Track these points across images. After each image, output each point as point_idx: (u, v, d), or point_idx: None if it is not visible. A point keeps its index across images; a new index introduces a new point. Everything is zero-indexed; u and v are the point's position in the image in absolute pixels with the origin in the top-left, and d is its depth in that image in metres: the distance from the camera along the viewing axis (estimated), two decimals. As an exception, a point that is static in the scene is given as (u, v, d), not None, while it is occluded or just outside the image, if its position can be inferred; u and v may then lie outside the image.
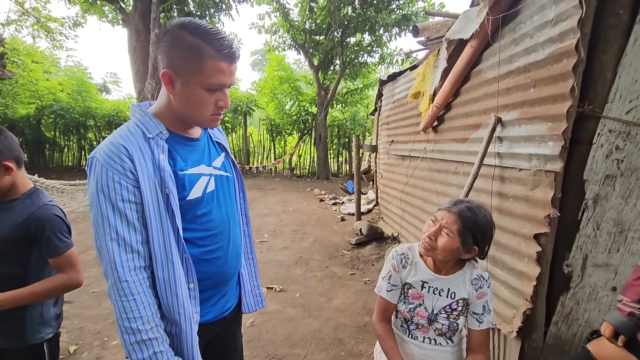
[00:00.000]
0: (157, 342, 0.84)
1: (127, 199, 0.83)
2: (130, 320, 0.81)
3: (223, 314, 1.08)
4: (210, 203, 0.98)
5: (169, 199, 0.87)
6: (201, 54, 0.83)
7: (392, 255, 1.25)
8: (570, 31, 1.47)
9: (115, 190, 0.82)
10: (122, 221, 0.83)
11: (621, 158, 1.47)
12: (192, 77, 0.85)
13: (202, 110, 0.90)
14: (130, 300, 0.82)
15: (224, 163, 1.09)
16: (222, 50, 0.84)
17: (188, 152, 0.97)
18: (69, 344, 2.29)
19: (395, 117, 4.38)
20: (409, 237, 3.78)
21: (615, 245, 1.54)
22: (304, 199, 7.97)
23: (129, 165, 0.83)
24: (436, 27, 2.82)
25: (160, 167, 0.87)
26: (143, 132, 0.89)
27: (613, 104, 1.45)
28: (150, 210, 0.85)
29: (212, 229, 0.99)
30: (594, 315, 1.62)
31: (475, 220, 1.08)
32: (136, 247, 0.84)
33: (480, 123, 2.22)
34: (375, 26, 8.80)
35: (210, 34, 0.83)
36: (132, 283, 0.82)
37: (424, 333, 1.19)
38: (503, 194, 1.95)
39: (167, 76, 0.86)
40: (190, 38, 0.82)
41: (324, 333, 2.57)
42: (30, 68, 10.12)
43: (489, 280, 1.16)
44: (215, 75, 0.85)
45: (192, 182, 0.93)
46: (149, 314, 0.84)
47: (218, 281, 1.03)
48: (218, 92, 0.89)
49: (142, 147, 0.87)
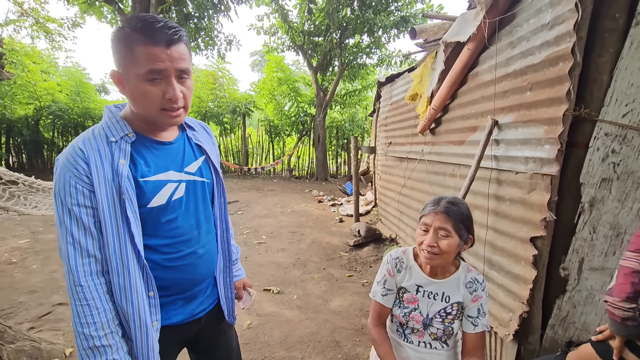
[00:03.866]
0: (110, 349, 0.82)
1: (83, 204, 0.81)
2: (83, 325, 0.80)
3: (194, 316, 1.04)
4: (176, 210, 0.94)
5: (125, 205, 0.83)
6: (130, 43, 0.78)
7: (386, 259, 1.25)
8: (567, 34, 1.48)
9: (70, 194, 0.81)
10: (78, 226, 0.81)
11: (617, 161, 1.46)
12: (129, 71, 0.80)
13: (149, 105, 0.84)
14: (84, 305, 0.80)
15: (200, 167, 1.03)
16: (151, 35, 0.77)
17: (155, 157, 0.92)
18: (64, 346, 2.27)
19: (393, 119, 4.38)
20: (407, 238, 3.78)
21: (611, 249, 1.54)
22: (303, 200, 7.96)
23: (83, 169, 0.81)
24: (434, 29, 2.82)
25: (119, 173, 0.83)
26: (106, 135, 0.86)
27: (609, 107, 1.45)
28: (105, 215, 0.83)
29: (177, 236, 0.95)
30: (590, 319, 1.62)
31: (461, 211, 1.11)
32: (93, 252, 0.82)
33: (477, 126, 2.22)
34: (374, 28, 8.82)
35: (139, 21, 0.78)
36: (86, 288, 0.80)
37: (420, 337, 1.19)
38: (500, 196, 1.95)
39: (114, 76, 0.84)
40: (122, 31, 0.79)
41: (321, 335, 2.56)
42: (28, 69, 10.09)
43: (484, 283, 1.16)
44: (148, 62, 0.78)
45: (154, 190, 0.89)
46: (104, 320, 0.82)
47: (185, 287, 1.00)
48: (162, 82, 0.82)
49: (102, 151, 0.84)
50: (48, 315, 2.71)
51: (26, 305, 2.85)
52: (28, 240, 4.53)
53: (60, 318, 2.67)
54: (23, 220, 5.37)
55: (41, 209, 3.32)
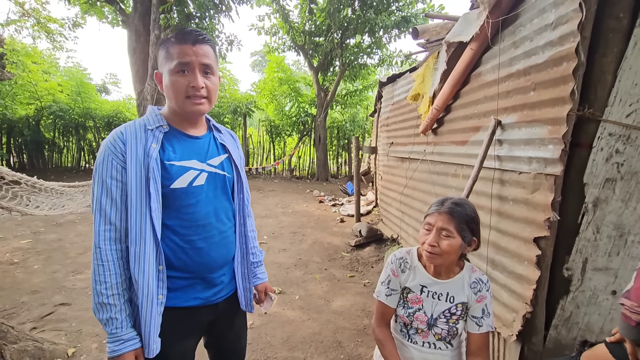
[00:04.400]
0: (114, 308, 0.94)
1: (114, 177, 0.96)
2: (97, 283, 0.93)
3: (212, 301, 1.12)
4: (196, 196, 1.04)
5: (149, 183, 0.96)
6: (167, 45, 1.00)
7: (390, 259, 1.25)
8: (570, 34, 1.47)
9: (106, 167, 0.95)
10: (107, 196, 0.95)
11: (621, 161, 1.46)
12: (165, 68, 1.00)
13: (177, 93, 1.00)
14: (100, 265, 0.93)
15: (222, 163, 1.14)
16: (183, 35, 0.99)
17: (183, 146, 1.06)
18: (67, 346, 2.28)
19: (394, 119, 4.38)
20: (408, 238, 3.78)
21: (615, 249, 1.54)
22: (304, 200, 7.96)
23: (120, 148, 0.96)
24: (436, 29, 2.82)
25: (149, 154, 0.97)
26: (145, 125, 1.02)
27: (613, 107, 1.45)
28: (132, 189, 0.96)
29: (194, 220, 1.05)
30: (594, 319, 1.62)
31: (466, 212, 1.10)
32: (114, 221, 0.96)
33: (480, 126, 2.22)
34: (375, 28, 8.81)
35: (179, 31, 1.01)
36: (104, 250, 0.94)
37: (424, 337, 1.19)
38: (503, 197, 1.95)
39: (157, 76, 1.05)
40: (166, 39, 1.02)
41: (323, 336, 2.56)
42: (29, 69, 10.10)
43: (488, 284, 1.16)
44: (178, 56, 0.97)
45: (178, 173, 1.01)
46: (113, 281, 0.94)
47: (199, 270, 1.08)
48: (188, 73, 0.99)
49: (138, 135, 0.99)
50: (50, 315, 2.71)
51: (28, 305, 2.85)
52: (29, 240, 4.53)
53: (62, 318, 2.67)
54: (24, 220, 5.38)
55: (43, 210, 3.32)
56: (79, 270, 3.62)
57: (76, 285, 3.25)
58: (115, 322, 0.94)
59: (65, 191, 3.64)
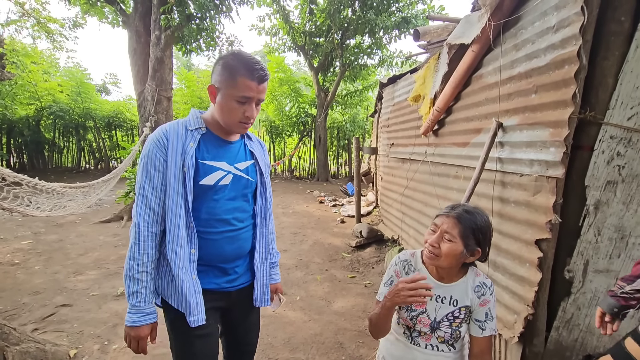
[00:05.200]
0: (141, 283, 1.07)
1: (157, 168, 1.09)
2: (131, 258, 1.07)
3: (225, 288, 1.24)
4: (219, 193, 1.17)
5: (185, 176, 1.09)
6: (235, 73, 1.07)
7: (394, 261, 1.25)
8: (572, 38, 1.48)
9: (151, 159, 1.09)
10: (150, 183, 1.09)
11: (622, 164, 1.47)
12: (227, 91, 1.09)
13: (232, 118, 1.12)
14: (137, 244, 1.07)
15: (248, 168, 1.26)
16: (252, 72, 1.07)
17: (216, 148, 1.19)
18: (68, 348, 2.28)
19: (395, 120, 4.38)
20: (409, 240, 3.79)
21: (616, 251, 1.54)
22: (304, 200, 7.96)
23: (164, 143, 1.10)
24: (437, 31, 2.83)
25: (186, 151, 1.11)
26: (186, 125, 1.16)
27: (614, 110, 1.46)
28: (171, 180, 1.09)
29: (214, 214, 1.17)
30: (595, 321, 1.62)
31: (475, 221, 1.08)
32: (153, 206, 1.09)
33: (482, 128, 2.22)
34: (375, 28, 8.81)
35: (246, 59, 1.07)
36: (142, 230, 1.07)
37: (427, 340, 1.19)
38: (504, 199, 1.95)
39: (211, 89, 1.13)
40: (231, 62, 1.07)
41: (325, 337, 2.57)
42: (29, 69, 10.09)
43: (492, 288, 1.16)
44: (244, 90, 1.07)
45: (207, 171, 1.14)
46: (144, 260, 1.07)
47: (214, 260, 1.20)
48: (246, 104, 1.10)
49: (180, 134, 1.13)
50: (51, 316, 2.71)
51: (29, 306, 2.85)
52: (30, 241, 4.54)
53: (64, 319, 2.67)
54: (25, 221, 5.38)
55: (45, 211, 3.31)
56: (80, 271, 3.62)
57: (77, 286, 3.25)
58: (139, 296, 1.07)
59: (66, 192, 3.63)
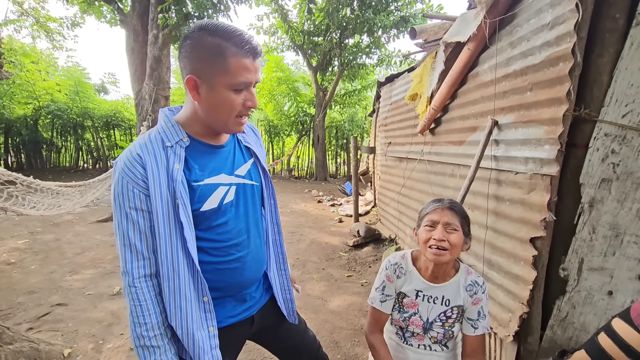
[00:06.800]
0: (159, 350, 0.85)
1: (139, 207, 0.84)
2: (136, 325, 0.84)
3: (246, 316, 1.06)
4: (227, 214, 0.95)
5: (179, 210, 0.85)
6: (224, 52, 0.79)
7: (385, 265, 1.24)
8: (567, 35, 1.47)
9: (128, 197, 0.83)
10: (135, 229, 0.84)
11: (617, 162, 1.46)
12: (217, 79, 0.82)
13: (230, 113, 0.87)
14: (137, 306, 0.84)
15: (250, 171, 1.03)
16: (244, 46, 0.80)
17: (208, 160, 0.93)
18: (63, 347, 2.27)
19: (392, 119, 4.37)
20: (406, 238, 3.78)
21: (611, 249, 1.54)
22: (302, 200, 7.95)
23: (140, 174, 0.84)
24: (434, 29, 2.82)
25: (174, 177, 0.85)
26: (162, 140, 0.88)
27: (609, 107, 1.45)
28: (159, 219, 0.84)
29: (228, 240, 0.96)
30: (589, 319, 1.62)
31: (462, 208, 1.11)
32: (147, 254, 0.85)
33: (477, 126, 2.22)
34: (374, 28, 8.81)
35: (230, 32, 0.80)
36: (139, 289, 0.84)
37: (420, 340, 1.18)
38: (499, 197, 1.95)
39: (191, 82, 0.83)
40: (210, 39, 0.79)
41: (320, 336, 2.56)
42: (27, 68, 10.07)
43: (484, 286, 1.15)
44: (241, 72, 0.82)
45: (207, 193, 0.90)
46: (154, 321, 0.85)
47: (234, 291, 1.00)
48: (244, 91, 0.85)
49: (158, 155, 0.86)
50: (46, 315, 2.70)
51: (25, 305, 2.84)
52: (26, 240, 4.52)
53: (59, 319, 2.66)
54: (21, 220, 5.36)
55: (39, 209, 3.31)
56: (76, 270, 3.61)
57: (73, 286, 3.24)
58: None
59: (62, 191, 3.62)
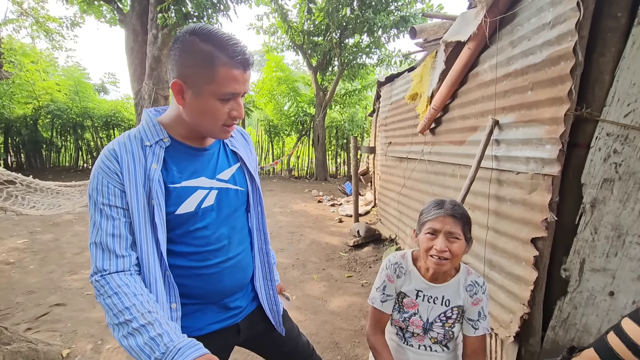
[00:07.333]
0: (151, 326, 0.72)
1: (114, 204, 0.81)
2: (118, 316, 0.74)
3: (230, 323, 1.01)
4: (207, 218, 0.92)
5: (153, 211, 0.83)
6: (213, 61, 0.77)
7: (385, 265, 1.23)
8: (568, 34, 1.46)
9: (102, 193, 0.81)
10: (108, 225, 0.80)
11: (619, 162, 1.45)
12: (204, 87, 0.80)
13: (214, 122, 0.85)
14: (112, 295, 0.75)
15: (234, 175, 1.00)
16: (235, 57, 0.79)
17: (188, 163, 0.91)
18: (61, 347, 2.26)
19: (393, 119, 4.36)
20: (406, 239, 3.77)
21: (613, 250, 1.53)
22: (302, 200, 7.94)
23: (115, 168, 0.82)
24: (434, 29, 2.81)
25: (150, 177, 0.83)
26: (142, 139, 0.86)
27: (611, 107, 1.44)
28: (135, 218, 0.82)
29: (206, 245, 0.92)
30: (591, 320, 1.61)
31: (464, 212, 1.09)
32: (120, 253, 0.80)
33: (478, 126, 2.21)
34: (374, 27, 8.80)
35: (223, 40, 0.78)
36: (111, 281, 0.77)
37: (420, 341, 1.17)
38: (500, 197, 1.94)
39: (177, 87, 0.81)
40: (201, 45, 0.77)
41: (320, 337, 2.55)
42: (27, 68, 10.06)
43: (484, 286, 1.14)
44: (229, 83, 0.80)
45: (184, 196, 0.87)
46: (137, 302, 0.75)
47: (213, 298, 0.96)
48: (231, 101, 0.84)
49: (135, 153, 0.84)
50: (45, 316, 2.69)
51: (23, 306, 2.83)
52: (26, 240, 4.51)
53: (58, 319, 2.65)
54: (21, 220, 5.35)
55: (39, 209, 3.30)
56: (75, 270, 3.60)
57: (72, 286, 3.23)
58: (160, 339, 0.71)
59: (62, 191, 3.62)
